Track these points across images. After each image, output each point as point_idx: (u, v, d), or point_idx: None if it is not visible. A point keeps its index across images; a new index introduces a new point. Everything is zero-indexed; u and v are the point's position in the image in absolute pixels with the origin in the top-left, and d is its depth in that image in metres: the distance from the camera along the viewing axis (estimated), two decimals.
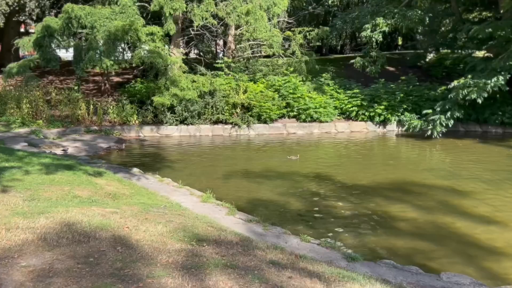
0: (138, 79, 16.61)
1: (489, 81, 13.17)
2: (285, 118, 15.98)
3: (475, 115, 15.59)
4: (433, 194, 8.38)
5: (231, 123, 15.05)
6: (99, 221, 4.72)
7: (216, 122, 15.14)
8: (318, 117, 15.71)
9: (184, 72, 14.75)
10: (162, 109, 14.53)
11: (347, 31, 21.31)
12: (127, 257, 3.81)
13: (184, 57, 17.13)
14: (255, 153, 12.41)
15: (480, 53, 17.69)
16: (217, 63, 16.50)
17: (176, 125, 14.81)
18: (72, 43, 15.33)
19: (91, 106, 14.71)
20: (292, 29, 17.92)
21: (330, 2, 21.85)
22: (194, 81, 14.40)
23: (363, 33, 15.88)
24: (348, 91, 16.60)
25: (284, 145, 13.58)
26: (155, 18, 15.69)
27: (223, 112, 15.01)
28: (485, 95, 13.41)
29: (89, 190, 6.52)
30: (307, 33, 17.56)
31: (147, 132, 14.58)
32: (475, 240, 6.21)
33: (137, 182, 8.02)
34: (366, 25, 15.78)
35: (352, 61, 17.05)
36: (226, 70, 16.18)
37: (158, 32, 13.84)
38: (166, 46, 14.92)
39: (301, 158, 11.51)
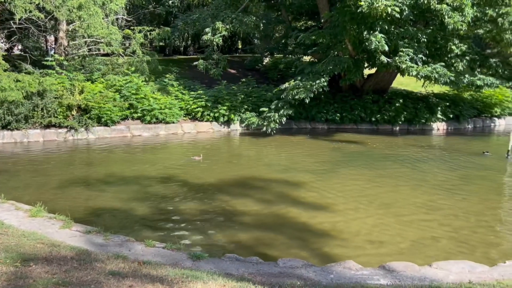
0: None
1: (314, 83, 14.84)
2: (128, 119, 15.31)
3: (305, 113, 17.41)
4: (272, 187, 9.02)
5: (66, 127, 13.75)
6: None
7: (48, 126, 13.64)
8: (164, 118, 15.49)
9: (5, 70, 12.88)
10: None
11: (189, 33, 21.51)
12: None
13: (4, 53, 14.96)
14: (96, 159, 11.58)
15: (307, 58, 19.82)
16: (47, 60, 14.88)
17: None
18: None
19: None
20: (132, 27, 17.28)
21: (170, 2, 21.75)
22: (18, 81, 12.71)
23: (204, 37, 16.21)
24: (193, 92, 16.80)
25: (128, 148, 12.99)
26: None
27: (56, 115, 13.60)
28: (312, 95, 15.08)
29: None
30: (148, 33, 17.15)
31: None
32: (308, 226, 6.89)
33: None
34: (207, 29, 16.16)
35: (195, 62, 17.27)
36: (58, 68, 14.72)
37: None
38: None
39: (147, 161, 11.19)
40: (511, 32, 14.47)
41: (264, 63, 22.80)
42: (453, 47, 15.82)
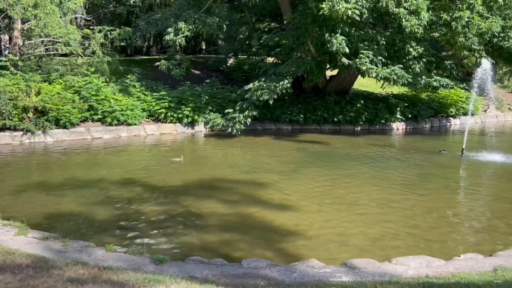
0: None
1: (278, 84, 14.96)
2: (88, 122, 14.88)
3: (270, 114, 17.51)
4: (237, 188, 9.02)
5: (22, 130, 13.21)
6: None
7: (2, 129, 13.05)
8: (126, 120, 15.16)
9: None
10: None
11: (152, 33, 21.18)
12: None
13: None
14: (54, 162, 11.17)
15: (271, 59, 19.96)
16: (0, 60, 14.23)
17: None
18: None
19: None
20: (92, 27, 16.81)
21: (132, 2, 21.34)
22: None
23: (167, 37, 16.01)
24: (155, 93, 16.55)
25: (88, 151, 12.62)
26: None
27: (10, 117, 13.03)
28: (276, 96, 15.19)
29: None
30: (109, 32, 16.73)
31: None
32: (272, 226, 6.94)
33: None
34: (169, 29, 15.96)
35: (157, 63, 17.01)
36: (12, 69, 14.11)
37: None
38: None
39: (109, 164, 10.92)
40: (464, 35, 15.14)
41: (228, 64, 22.76)
42: (411, 49, 16.38)
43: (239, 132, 15.42)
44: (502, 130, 20.78)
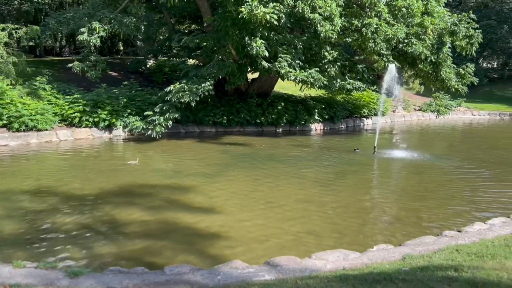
0: None
1: (199, 86, 14.86)
2: None
3: (193, 117, 17.33)
4: (159, 193, 8.81)
5: None
6: None
7: None
8: (35, 125, 14.07)
9: None
10: None
11: (63, 33, 19.94)
12: None
13: None
14: None
15: (192, 61, 19.79)
16: None
17: None
18: None
19: None
20: None
21: None
22: None
23: (80, 37, 15.15)
24: (68, 96, 15.58)
25: None
26: None
27: None
28: (198, 98, 15.05)
29: None
30: (14, 31, 15.43)
31: None
32: (196, 230, 6.87)
33: None
34: (83, 29, 15.13)
35: (70, 64, 16.03)
36: None
37: None
38: None
39: (17, 174, 10.05)
40: (373, 41, 16.23)
41: (148, 66, 22.14)
42: (326, 53, 17.21)
43: (160, 135, 15.07)
44: (409, 128, 22.63)
